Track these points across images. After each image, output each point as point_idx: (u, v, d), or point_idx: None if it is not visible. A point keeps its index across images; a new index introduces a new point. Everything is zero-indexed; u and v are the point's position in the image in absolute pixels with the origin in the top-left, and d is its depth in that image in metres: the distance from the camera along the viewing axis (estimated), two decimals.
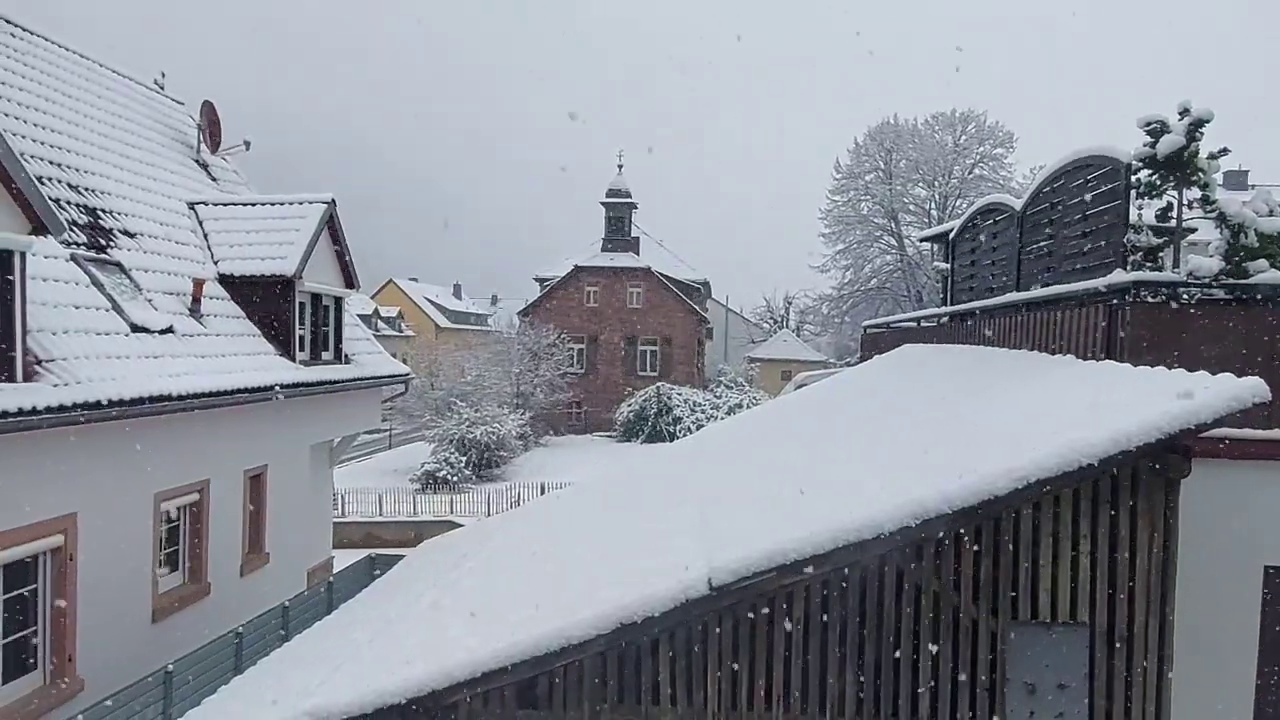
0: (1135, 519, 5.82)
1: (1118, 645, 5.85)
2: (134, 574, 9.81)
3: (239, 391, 10.83)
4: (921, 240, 32.70)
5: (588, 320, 49.81)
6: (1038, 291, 9.23)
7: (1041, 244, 9.66)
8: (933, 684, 5.91)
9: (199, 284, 11.79)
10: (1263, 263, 7.63)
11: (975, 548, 5.88)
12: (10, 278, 7.64)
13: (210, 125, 16.16)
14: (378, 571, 13.49)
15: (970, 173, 45.46)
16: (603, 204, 51.39)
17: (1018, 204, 10.37)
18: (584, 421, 48.94)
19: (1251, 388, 5.38)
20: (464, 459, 33.87)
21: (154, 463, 9.96)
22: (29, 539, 8.14)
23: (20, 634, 8.28)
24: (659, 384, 44.59)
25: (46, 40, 13.26)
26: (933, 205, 46.11)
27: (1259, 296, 7.37)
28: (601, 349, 49.99)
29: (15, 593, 8.19)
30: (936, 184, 45.83)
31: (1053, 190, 9.29)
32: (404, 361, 22.37)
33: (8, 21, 12.47)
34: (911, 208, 46.69)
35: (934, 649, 5.91)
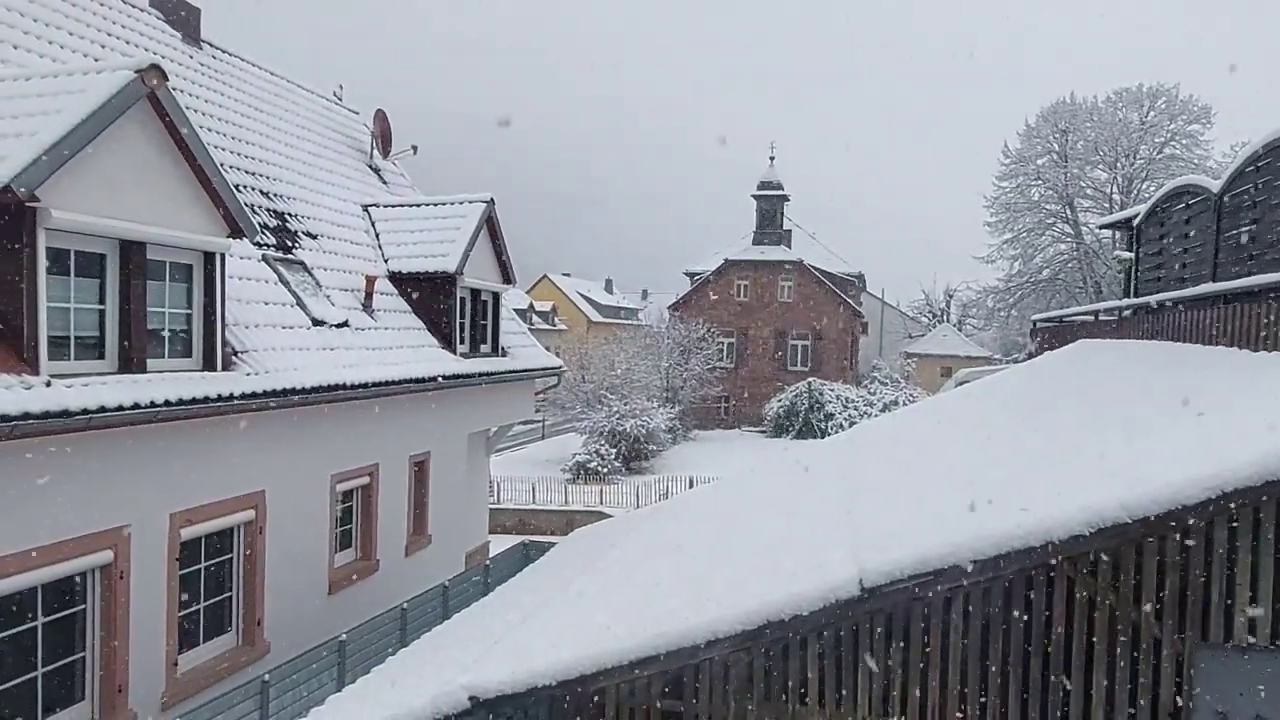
0: None
1: None
2: (314, 548, 10.65)
3: (405, 382, 11.51)
4: (1101, 227, 30.25)
5: (737, 314, 49.50)
6: (1239, 282, 8.31)
7: (1243, 230, 8.69)
8: (1106, 704, 5.46)
9: (370, 281, 12.62)
10: None
11: (1159, 561, 5.37)
12: (212, 277, 8.47)
13: (382, 132, 17.27)
14: (530, 557, 13.98)
15: (1159, 153, 41.55)
16: (754, 197, 50.87)
17: (1215, 185, 9.38)
18: (733, 416, 48.72)
19: None
20: (614, 451, 34.49)
21: (330, 447, 10.77)
22: (228, 512, 9.01)
23: (218, 598, 9.18)
24: (810, 379, 43.70)
25: (243, 60, 14.59)
26: (1114, 189, 42.54)
27: None
28: (751, 343, 49.55)
29: (214, 561, 9.09)
30: (1119, 166, 42.22)
31: (1257, 170, 8.34)
32: (556, 355, 23.05)
33: (212, 45, 13.82)
34: (1089, 192, 43.27)
35: (1108, 667, 5.45)
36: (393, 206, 14.99)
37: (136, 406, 7.10)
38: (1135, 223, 12.35)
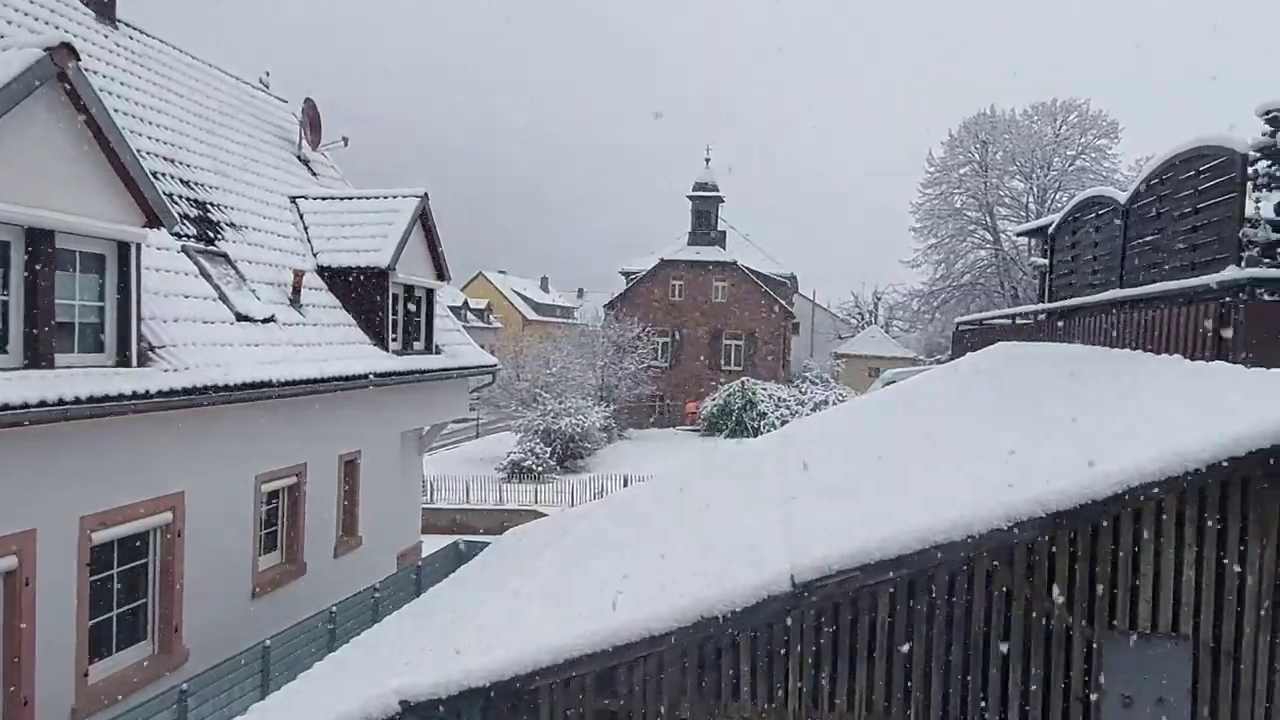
0: (1245, 529, 5.47)
1: (1223, 660, 5.52)
2: (236, 551, 10.33)
3: (335, 379, 11.25)
4: (1018, 235, 31.42)
5: (672, 314, 49.85)
6: (1143, 288, 8.75)
7: (1148, 239, 9.14)
8: (1022, 692, 5.70)
9: (299, 275, 12.30)
10: None
11: (1070, 553, 5.63)
12: (126, 268, 8.14)
13: (311, 122, 16.83)
14: (464, 557, 13.83)
15: (1071, 165, 43.39)
16: (689, 198, 51.28)
17: (1122, 197, 9.85)
18: (667, 415, 49.02)
19: None
20: (549, 450, 34.37)
21: (255, 446, 10.46)
22: (142, 515, 8.66)
23: (133, 604, 8.83)
24: (743, 379, 44.28)
25: (162, 42, 14.05)
26: (1030, 199, 44.24)
27: None
28: (686, 343, 49.95)
29: (128, 565, 8.74)
30: (1034, 176, 43.93)
31: (1161, 183, 8.79)
32: (491, 353, 22.84)
33: (128, 25, 13.27)
34: (1007, 201, 44.90)
35: (1024, 656, 5.69)
36: (322, 199, 14.63)
37: (44, 404, 6.77)
38: (1049, 231, 12.85)
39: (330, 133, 17.35)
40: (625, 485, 26.24)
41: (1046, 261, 13.02)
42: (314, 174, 16.47)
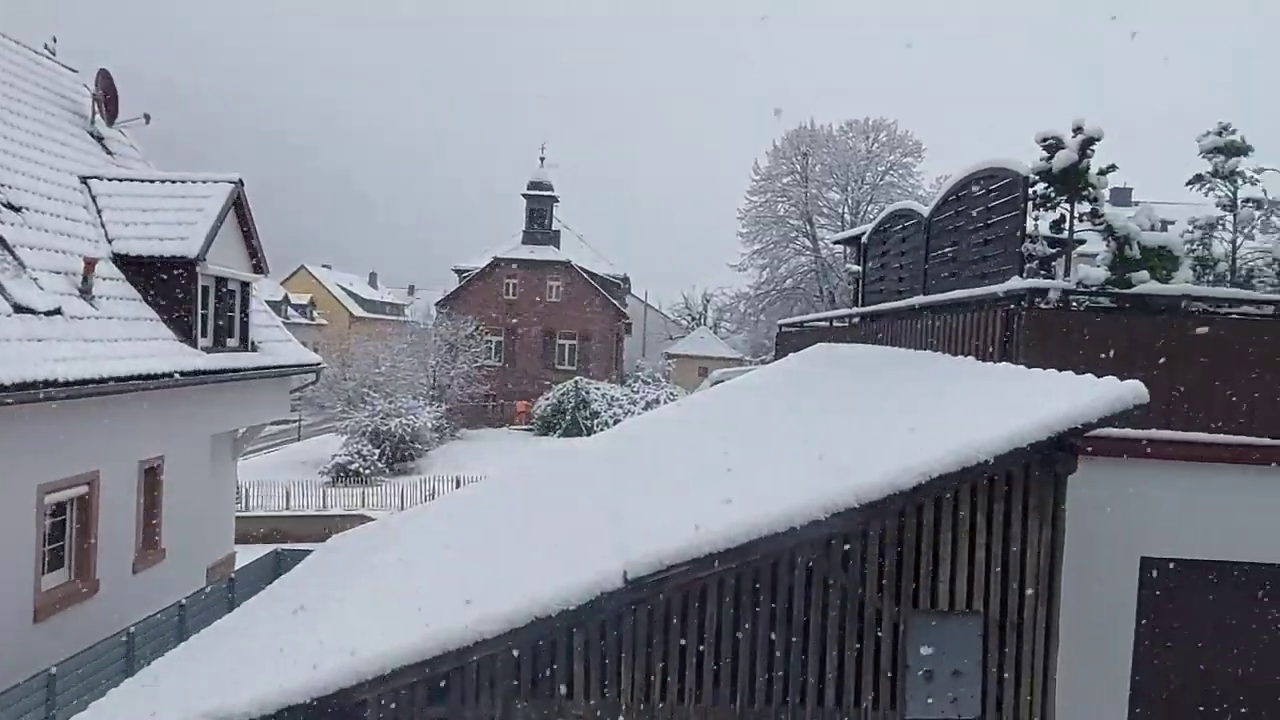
0: (1026, 513, 6.12)
1: (1008, 633, 6.15)
2: (13, 570, 9.26)
3: (133, 378, 10.32)
4: (835, 243, 33.53)
5: (506, 313, 49.36)
6: (942, 295, 9.58)
7: (947, 250, 10.03)
8: (838, 672, 6.10)
9: (90, 263, 11.16)
10: (1144, 273, 8.13)
11: (879, 540, 6.08)
12: None
13: (106, 95, 15.31)
14: (283, 567, 13.08)
15: (881, 179, 46.80)
16: (524, 196, 50.93)
17: (925, 211, 10.73)
18: (501, 415, 48.47)
19: (1132, 390, 5.72)
20: (377, 451, 33.14)
21: (37, 453, 9.41)
22: None
23: None
24: (576, 378, 44.52)
25: None
26: (846, 209, 47.29)
27: (1141, 304, 7.86)
28: (520, 342, 49.60)
29: None
30: (850, 189, 47.03)
31: (957, 199, 9.67)
32: (315, 350, 21.73)
33: None
34: (826, 211, 47.77)
35: (840, 638, 6.10)
36: (120, 181, 13.34)
37: None
38: (862, 240, 13.81)
39: (129, 108, 15.86)
40: (457, 486, 25.71)
41: (860, 268, 13.98)
42: (110, 153, 15.00)
